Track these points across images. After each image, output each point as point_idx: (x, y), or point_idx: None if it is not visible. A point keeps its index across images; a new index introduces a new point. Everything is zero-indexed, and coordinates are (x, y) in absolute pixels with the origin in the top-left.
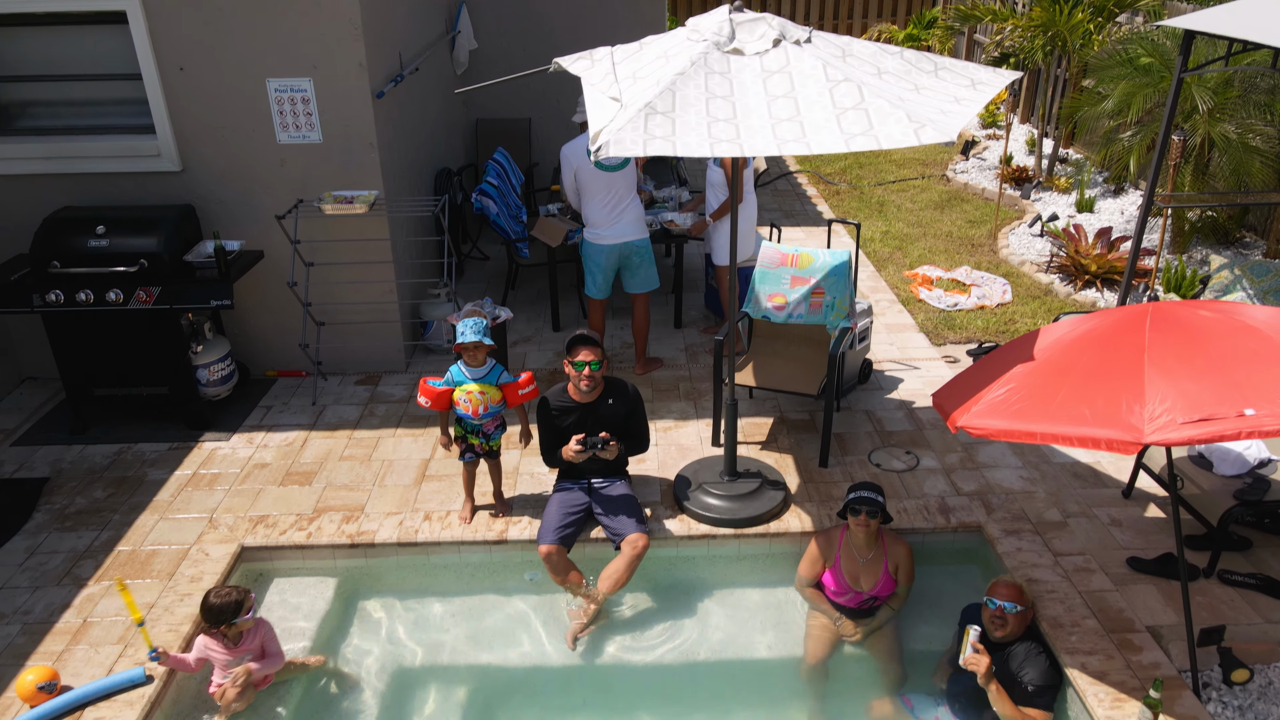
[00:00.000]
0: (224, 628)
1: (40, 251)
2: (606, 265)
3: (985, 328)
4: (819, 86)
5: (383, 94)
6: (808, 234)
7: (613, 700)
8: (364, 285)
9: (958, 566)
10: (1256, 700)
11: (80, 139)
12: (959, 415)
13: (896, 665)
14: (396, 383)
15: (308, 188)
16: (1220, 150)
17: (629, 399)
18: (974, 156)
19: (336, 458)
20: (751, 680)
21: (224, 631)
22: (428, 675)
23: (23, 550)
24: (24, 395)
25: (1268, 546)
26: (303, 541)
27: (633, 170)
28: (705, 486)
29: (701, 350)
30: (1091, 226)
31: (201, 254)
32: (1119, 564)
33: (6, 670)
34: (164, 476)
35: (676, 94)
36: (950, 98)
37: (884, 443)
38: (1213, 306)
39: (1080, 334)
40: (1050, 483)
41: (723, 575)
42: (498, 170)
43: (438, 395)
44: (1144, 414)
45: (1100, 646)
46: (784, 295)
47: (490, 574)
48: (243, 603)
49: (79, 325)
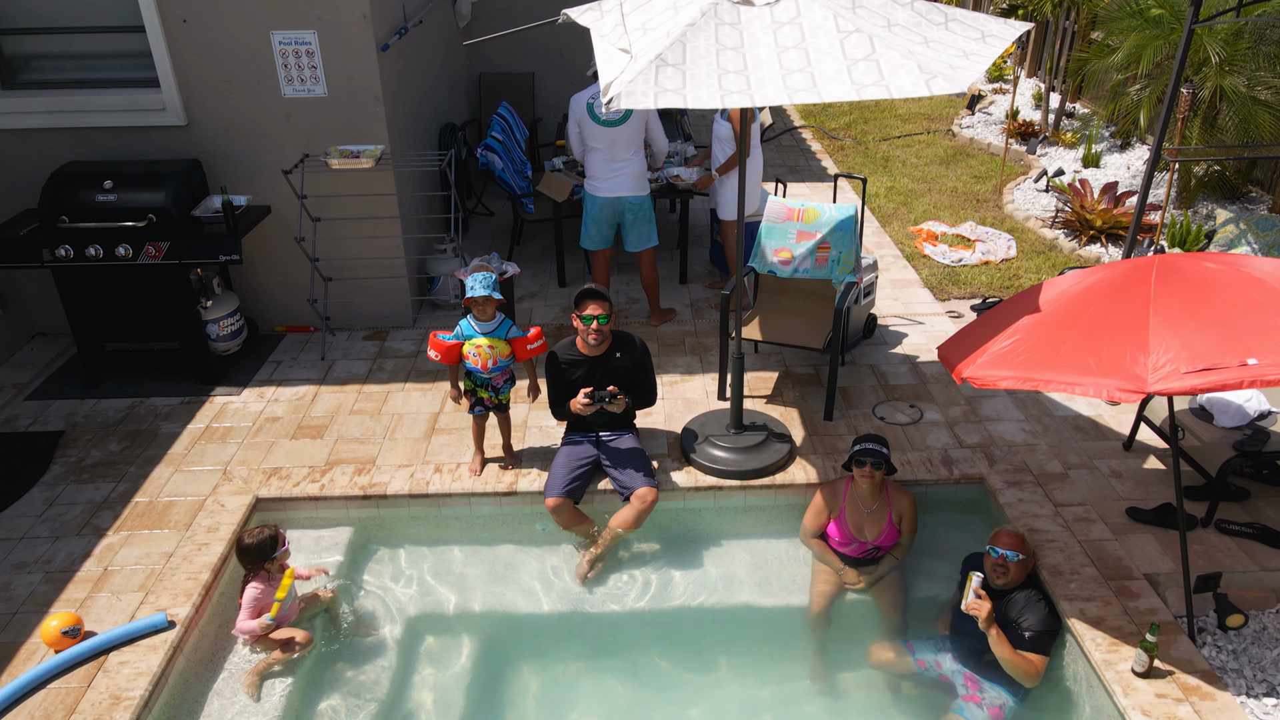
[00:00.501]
0: (266, 564)
1: (48, 206)
2: (599, 217)
3: (989, 283)
4: (830, 38)
5: (387, 46)
6: (813, 189)
7: (621, 645)
8: (371, 241)
9: (960, 517)
10: (1250, 645)
11: (85, 93)
12: (964, 367)
13: (899, 613)
14: (404, 338)
15: (314, 142)
16: (1230, 103)
17: (636, 352)
18: (980, 111)
19: (347, 411)
20: (757, 627)
21: (267, 569)
22: (440, 623)
23: (41, 502)
24: (35, 350)
25: (1265, 497)
26: (316, 493)
27: (637, 127)
28: (712, 439)
29: (706, 305)
30: (1097, 182)
31: (209, 209)
32: (1118, 514)
33: (30, 617)
34: (177, 430)
35: (687, 46)
36: (960, 52)
37: (888, 396)
38: (1218, 259)
39: (1086, 286)
40: (1052, 435)
41: (729, 526)
42: (502, 125)
43: (447, 349)
44: (1148, 364)
45: (1098, 593)
46: (790, 250)
47: (500, 525)
48: (276, 536)
49: (89, 280)
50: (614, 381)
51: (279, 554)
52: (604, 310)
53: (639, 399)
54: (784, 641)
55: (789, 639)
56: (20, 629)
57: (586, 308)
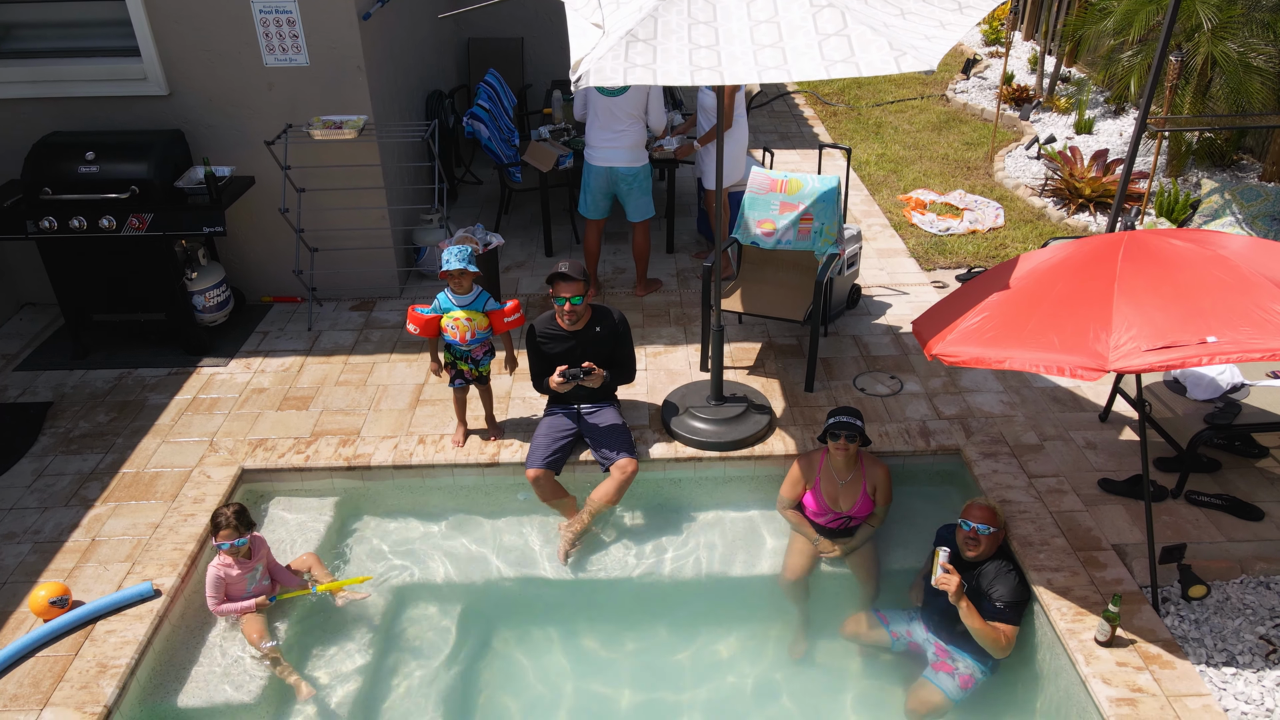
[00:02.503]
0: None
1: (31, 178)
2: (595, 186)
3: (976, 252)
4: (802, 11)
5: (369, 15)
6: (803, 156)
7: (602, 614)
8: (356, 211)
9: (936, 488)
10: (1213, 614)
11: (67, 62)
12: (935, 344)
13: (873, 582)
14: (390, 308)
15: (296, 112)
16: (1222, 70)
17: (614, 326)
18: (975, 75)
19: (332, 382)
20: (734, 596)
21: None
22: (424, 592)
23: (30, 473)
24: (23, 321)
25: (1237, 469)
26: (301, 464)
27: (637, 99)
28: (692, 411)
29: (693, 275)
30: (1089, 149)
31: (192, 180)
32: (1091, 485)
33: (20, 587)
34: (164, 401)
35: (659, 20)
36: (936, 22)
37: (869, 368)
38: (1187, 236)
39: (1056, 262)
40: (1029, 407)
41: (708, 496)
42: (489, 93)
43: (426, 322)
44: (1109, 341)
45: (1066, 564)
46: (773, 221)
47: (483, 495)
48: (243, 511)
49: (74, 252)
50: (594, 356)
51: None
52: (576, 291)
53: (617, 375)
54: (760, 612)
55: (765, 609)
56: (9, 599)
57: (559, 289)
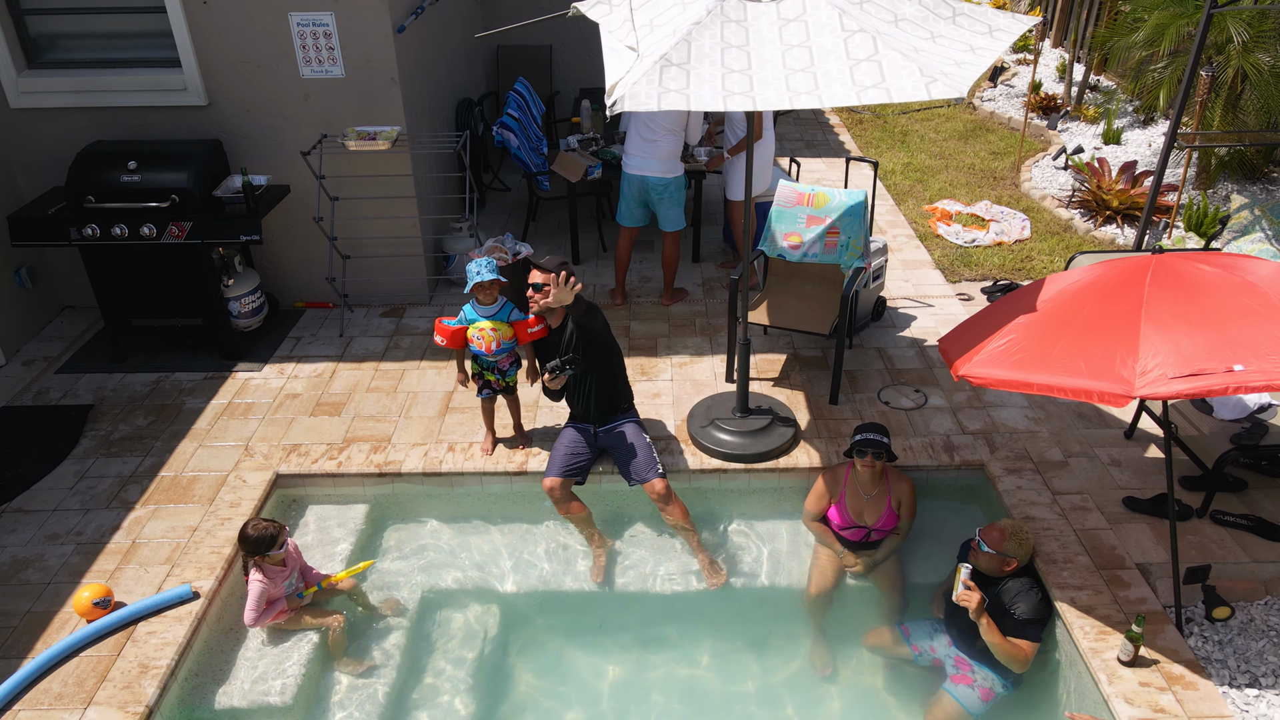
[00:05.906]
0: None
1: (75, 186)
2: (629, 194)
3: (1002, 264)
4: (834, 36)
5: (403, 28)
6: (828, 165)
7: (628, 622)
8: (388, 220)
9: (960, 503)
10: (1236, 636)
11: (109, 72)
12: (961, 364)
13: (897, 596)
14: (420, 315)
15: (331, 122)
16: (1252, 84)
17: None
18: (1002, 83)
19: (364, 389)
20: (758, 607)
21: (259, 562)
22: (453, 598)
23: (72, 475)
24: (64, 323)
25: (1263, 488)
26: (334, 470)
27: (676, 113)
28: (718, 422)
29: (718, 285)
30: (1117, 160)
31: (230, 189)
32: (1115, 503)
33: (64, 587)
34: (201, 405)
35: (692, 44)
36: (966, 47)
37: (894, 381)
38: (1215, 261)
39: (1083, 285)
40: (1054, 423)
41: (733, 507)
42: (519, 101)
43: (452, 333)
44: (1136, 367)
45: (1090, 582)
46: (799, 234)
47: (511, 503)
48: (277, 536)
49: (115, 258)
50: (588, 342)
51: (271, 554)
52: (540, 279)
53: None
54: (784, 624)
55: (789, 621)
56: (54, 599)
57: (530, 277)
